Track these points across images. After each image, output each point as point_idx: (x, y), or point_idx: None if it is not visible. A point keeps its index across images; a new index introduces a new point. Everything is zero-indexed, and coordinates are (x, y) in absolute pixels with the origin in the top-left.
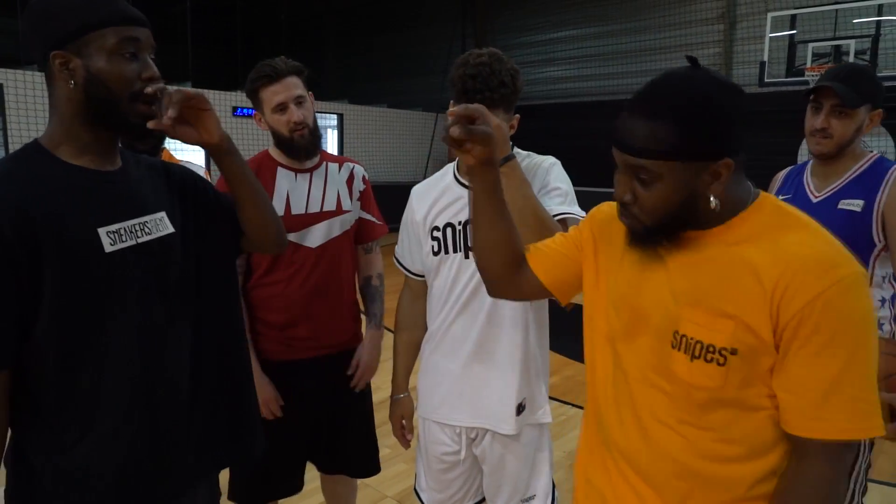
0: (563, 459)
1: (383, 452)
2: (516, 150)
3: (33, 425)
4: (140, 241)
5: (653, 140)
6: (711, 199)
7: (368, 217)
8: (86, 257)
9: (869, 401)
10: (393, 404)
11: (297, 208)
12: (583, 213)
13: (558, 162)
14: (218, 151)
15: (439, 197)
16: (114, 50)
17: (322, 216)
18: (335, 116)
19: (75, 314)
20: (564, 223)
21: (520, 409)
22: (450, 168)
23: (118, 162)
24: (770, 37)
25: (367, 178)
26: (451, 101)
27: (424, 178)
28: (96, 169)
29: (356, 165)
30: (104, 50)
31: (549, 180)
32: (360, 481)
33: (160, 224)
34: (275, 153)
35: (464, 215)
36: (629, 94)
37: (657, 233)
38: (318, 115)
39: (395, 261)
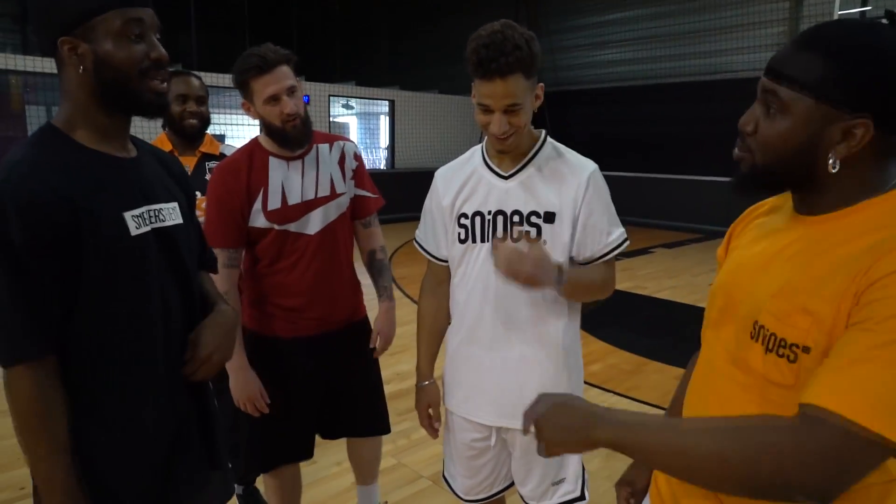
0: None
1: (420, 434)
2: (550, 141)
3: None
4: (156, 226)
5: (799, 68)
6: (831, 160)
7: (363, 193)
8: (117, 241)
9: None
10: (418, 392)
11: (293, 198)
12: (623, 232)
13: (596, 168)
14: None
15: (466, 182)
16: (119, 32)
17: (317, 202)
18: (387, 103)
19: (110, 295)
20: (611, 261)
21: None
22: (477, 151)
23: (133, 150)
24: (839, 14)
25: (358, 153)
26: (473, 83)
27: None
28: (115, 155)
29: (346, 143)
30: (110, 33)
31: (594, 206)
32: (396, 461)
33: (173, 213)
34: (265, 142)
35: (494, 204)
36: (684, 78)
37: (763, 176)
38: (370, 101)
39: (416, 244)
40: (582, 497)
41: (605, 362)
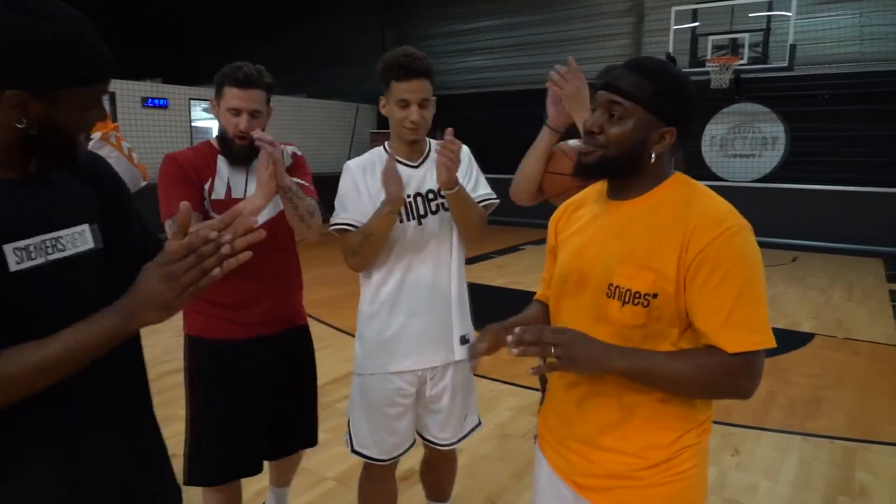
0: (494, 431)
1: (321, 437)
2: (431, 142)
3: None
4: (51, 258)
5: (635, 87)
6: (652, 154)
7: (295, 180)
8: None
9: (760, 321)
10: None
11: (237, 192)
12: (494, 193)
13: (468, 149)
14: None
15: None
16: (83, 107)
17: None
18: None
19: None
20: (491, 205)
21: (463, 340)
22: (379, 151)
23: (31, 167)
24: (674, 29)
25: (298, 153)
26: (388, 90)
27: None
28: (6, 179)
29: (287, 147)
30: (75, 107)
31: (473, 169)
32: (300, 466)
33: (78, 239)
34: (216, 143)
35: (412, 188)
36: (545, 84)
37: (608, 164)
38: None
39: (336, 228)
40: (479, 423)
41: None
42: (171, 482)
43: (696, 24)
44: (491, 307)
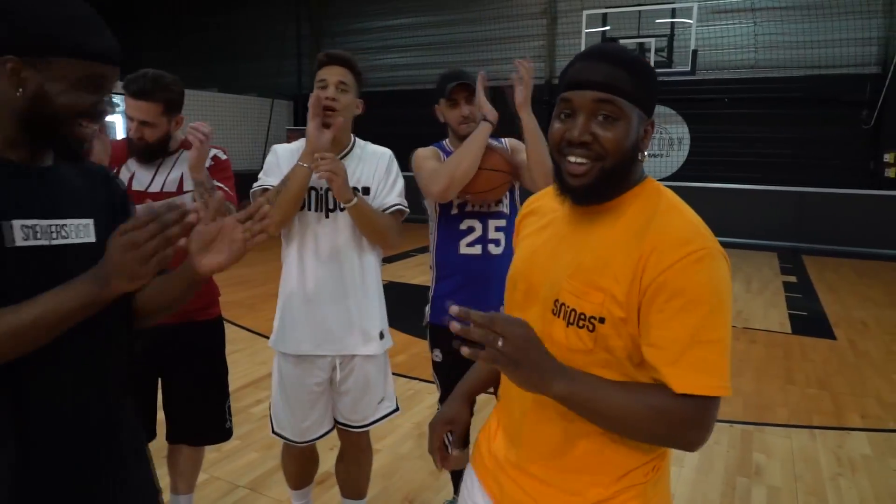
0: (412, 430)
1: (233, 444)
2: (357, 140)
3: None
4: (55, 243)
5: (619, 80)
6: (645, 154)
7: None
8: None
9: (718, 364)
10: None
11: (139, 185)
12: (406, 203)
13: (392, 154)
14: None
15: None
16: (78, 84)
17: (160, 196)
18: None
19: None
20: (401, 213)
21: (381, 335)
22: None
23: (48, 159)
24: (586, 32)
25: (220, 157)
26: (315, 79)
27: (262, 165)
28: (20, 163)
29: (211, 149)
30: (67, 80)
31: (391, 176)
32: (209, 475)
33: (82, 231)
34: None
35: (324, 181)
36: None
37: (610, 177)
38: None
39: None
40: (397, 408)
41: (409, 352)
42: (146, 476)
43: (607, 27)
44: (407, 306)
